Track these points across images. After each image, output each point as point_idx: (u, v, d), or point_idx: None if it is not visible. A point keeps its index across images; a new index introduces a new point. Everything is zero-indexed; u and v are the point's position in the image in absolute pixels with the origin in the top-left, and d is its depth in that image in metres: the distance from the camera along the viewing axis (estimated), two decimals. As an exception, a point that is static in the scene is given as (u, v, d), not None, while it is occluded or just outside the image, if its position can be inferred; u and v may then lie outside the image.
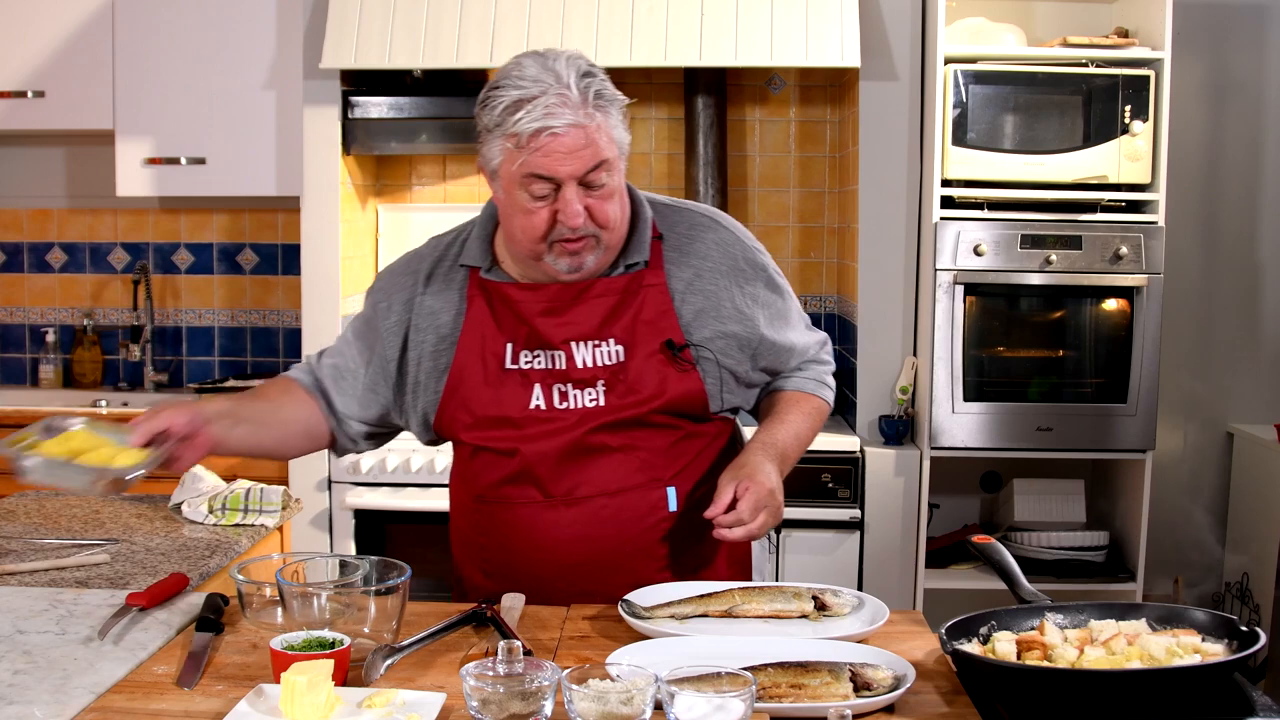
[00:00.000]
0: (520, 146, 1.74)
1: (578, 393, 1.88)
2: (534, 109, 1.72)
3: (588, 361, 1.88)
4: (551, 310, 1.88)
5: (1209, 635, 1.53)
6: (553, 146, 1.73)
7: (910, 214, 3.63)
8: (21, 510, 2.42)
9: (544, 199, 1.77)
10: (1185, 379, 4.06)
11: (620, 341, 1.88)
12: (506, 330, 1.90)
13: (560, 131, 1.73)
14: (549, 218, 1.78)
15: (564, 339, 1.88)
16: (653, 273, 1.90)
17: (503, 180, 1.80)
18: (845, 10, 3.48)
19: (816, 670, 1.47)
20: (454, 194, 4.14)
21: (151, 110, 3.84)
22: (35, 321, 4.37)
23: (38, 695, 1.47)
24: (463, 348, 1.91)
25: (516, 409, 1.88)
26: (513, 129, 1.74)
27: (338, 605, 1.64)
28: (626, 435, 1.88)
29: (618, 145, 1.80)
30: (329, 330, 3.72)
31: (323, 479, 3.56)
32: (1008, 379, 3.57)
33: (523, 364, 1.89)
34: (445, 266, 1.96)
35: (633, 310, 1.88)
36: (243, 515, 2.37)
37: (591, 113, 1.75)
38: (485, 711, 1.35)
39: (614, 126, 1.79)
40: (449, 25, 3.53)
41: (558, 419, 1.87)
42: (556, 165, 1.74)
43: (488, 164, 1.81)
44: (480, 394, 1.90)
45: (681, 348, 1.88)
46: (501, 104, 1.75)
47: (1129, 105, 3.44)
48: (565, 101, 1.73)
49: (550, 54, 1.78)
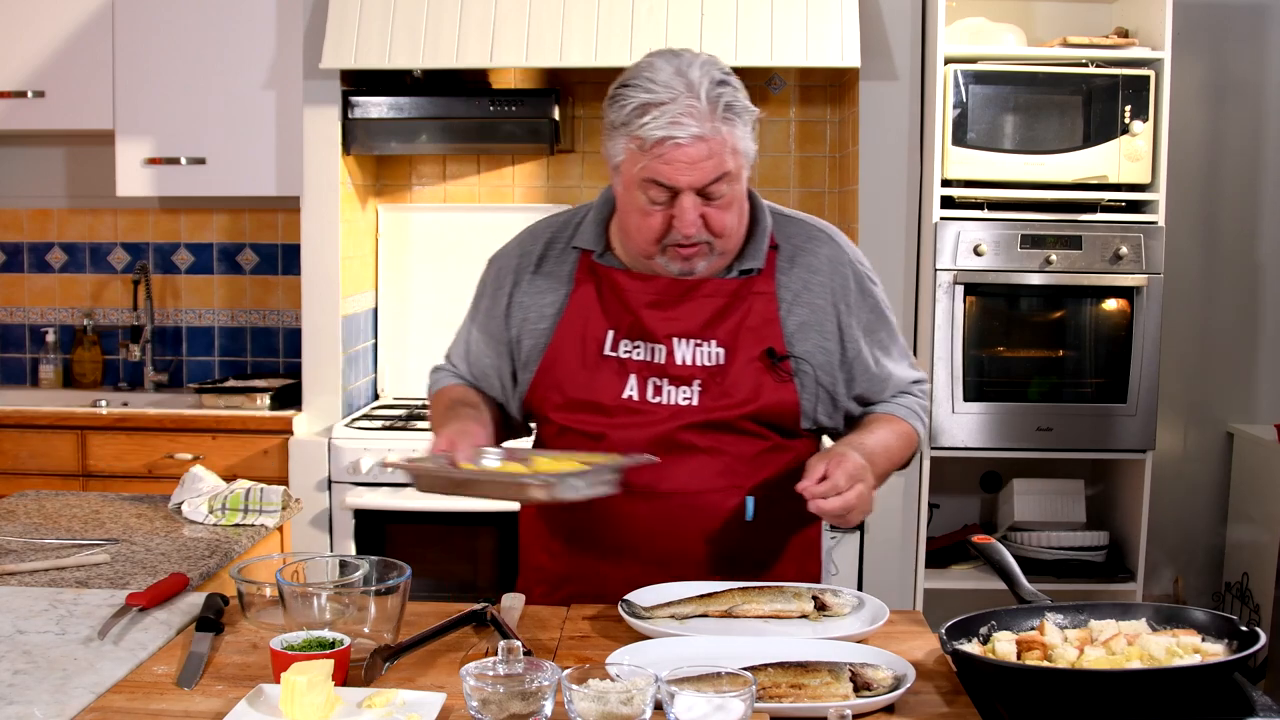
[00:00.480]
0: (643, 150, 1.74)
1: (672, 389, 1.87)
2: (661, 116, 1.72)
3: (687, 359, 1.87)
4: (659, 303, 1.88)
5: (1209, 635, 1.53)
6: (675, 155, 1.73)
7: (910, 214, 3.63)
8: (21, 510, 2.42)
9: (661, 204, 1.78)
10: (1185, 379, 4.05)
11: (722, 344, 1.87)
12: (610, 316, 1.90)
13: (684, 142, 1.72)
14: (664, 222, 1.78)
15: (667, 334, 1.87)
16: (764, 280, 1.90)
17: (623, 178, 1.81)
18: (845, 10, 3.48)
19: (816, 670, 1.47)
20: (454, 194, 4.14)
21: (151, 110, 3.84)
22: (35, 321, 4.37)
23: (38, 695, 1.47)
24: (563, 328, 1.91)
25: (609, 396, 1.88)
26: (638, 132, 1.74)
27: (338, 605, 1.64)
28: (715, 438, 1.87)
29: (743, 155, 1.80)
30: (329, 330, 3.73)
31: (323, 479, 3.56)
32: (1008, 379, 3.57)
33: (621, 352, 1.89)
34: (558, 248, 1.97)
35: (739, 315, 1.88)
36: (243, 515, 2.37)
37: (718, 125, 1.74)
38: (485, 711, 1.35)
39: (740, 138, 1.78)
40: (449, 25, 3.53)
41: (649, 412, 1.87)
42: (677, 175, 1.74)
43: (610, 158, 1.82)
44: (575, 376, 1.90)
45: (781, 358, 1.87)
46: (630, 105, 1.74)
47: (1129, 105, 3.44)
48: (693, 112, 1.72)
49: (685, 57, 1.77)
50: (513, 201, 4.13)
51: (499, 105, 3.69)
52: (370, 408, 3.91)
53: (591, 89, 4.05)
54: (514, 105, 3.70)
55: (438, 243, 4.05)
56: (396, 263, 4.08)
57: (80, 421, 3.71)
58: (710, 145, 1.73)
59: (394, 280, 4.08)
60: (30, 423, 3.72)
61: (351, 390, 3.85)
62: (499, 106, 3.69)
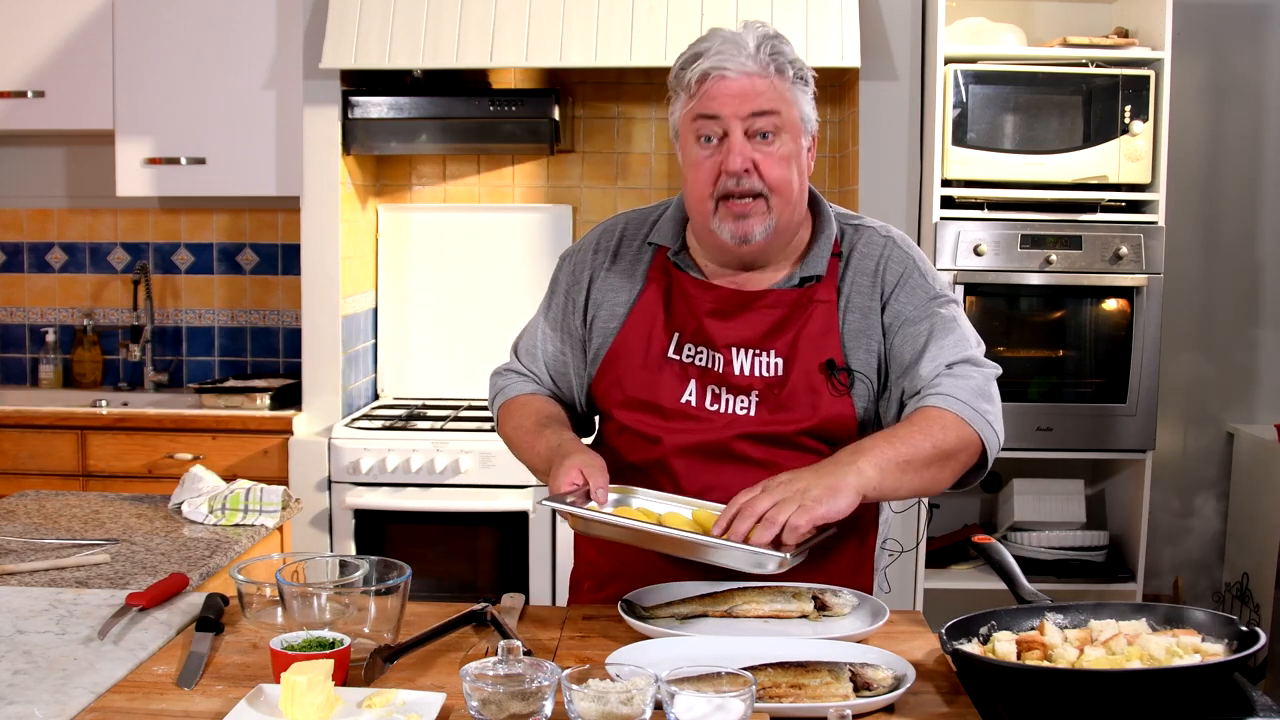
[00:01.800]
0: (692, 95, 1.78)
1: (730, 397, 1.86)
2: (708, 56, 1.76)
3: (745, 369, 1.86)
4: (719, 312, 1.87)
5: (1209, 635, 1.53)
6: (719, 89, 1.76)
7: (910, 214, 3.63)
8: (21, 510, 2.42)
9: (711, 146, 1.78)
10: (1185, 379, 4.05)
11: (781, 354, 1.85)
12: (676, 320, 1.89)
13: (730, 75, 1.75)
14: (715, 167, 1.78)
15: (726, 343, 1.86)
16: (825, 288, 1.87)
17: (681, 139, 1.83)
18: (845, 10, 3.48)
19: (816, 670, 1.47)
20: (454, 194, 4.14)
21: (151, 110, 3.84)
22: (35, 321, 4.37)
23: (38, 695, 1.47)
24: (630, 324, 1.91)
25: (669, 399, 1.87)
26: (687, 77, 1.78)
27: (338, 605, 1.64)
28: (771, 451, 1.85)
29: (799, 113, 1.80)
30: (329, 330, 3.73)
31: (323, 479, 3.56)
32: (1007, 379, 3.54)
33: (684, 357, 1.88)
34: (635, 245, 1.96)
35: (798, 325, 1.86)
36: (243, 515, 2.37)
37: (767, 68, 1.76)
38: (485, 711, 1.35)
39: (797, 94, 1.80)
40: (449, 25, 3.53)
41: (706, 419, 1.86)
42: (721, 105, 1.76)
43: (673, 130, 1.84)
44: (636, 375, 1.89)
45: (840, 370, 1.85)
46: (683, 60, 1.80)
47: (1129, 105, 3.44)
48: (739, 52, 1.76)
49: (745, 26, 1.80)
50: (513, 201, 4.13)
51: (499, 105, 3.69)
52: (370, 408, 3.91)
53: (591, 89, 4.05)
54: (514, 105, 3.70)
55: (438, 243, 4.05)
56: (396, 263, 4.08)
57: (80, 421, 3.71)
58: (757, 83, 1.76)
59: (394, 280, 4.08)
60: (30, 423, 3.72)
61: (351, 390, 3.85)
62: (499, 106, 3.69)
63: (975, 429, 1.80)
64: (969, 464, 1.83)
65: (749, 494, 1.65)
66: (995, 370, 1.90)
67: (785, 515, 1.59)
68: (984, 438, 1.82)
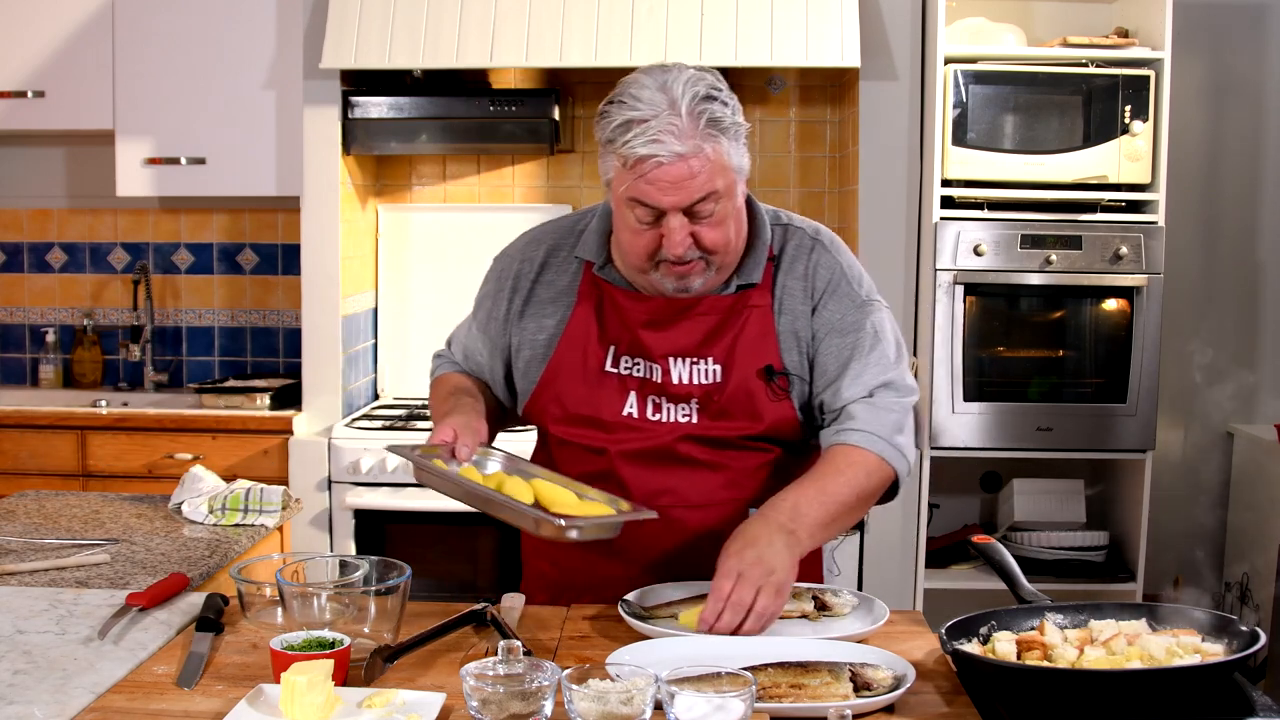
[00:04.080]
0: (627, 169, 1.72)
1: (671, 406, 1.87)
2: (643, 133, 1.69)
3: (684, 378, 1.86)
4: (654, 323, 1.87)
5: (1209, 635, 1.53)
6: (657, 175, 1.70)
7: (910, 214, 3.63)
8: (21, 510, 2.42)
9: (649, 224, 1.76)
10: (1185, 379, 4.05)
11: (719, 361, 1.86)
12: (611, 332, 1.89)
13: (666, 161, 1.69)
14: (654, 241, 1.77)
15: (663, 353, 1.87)
16: (760, 293, 1.88)
17: (614, 196, 1.79)
18: (845, 10, 3.48)
19: (816, 670, 1.47)
20: (454, 194, 4.14)
21: (151, 110, 3.84)
22: (35, 321, 4.37)
23: (38, 695, 1.47)
24: (565, 342, 1.91)
25: (610, 413, 1.88)
26: (621, 150, 1.71)
27: (338, 605, 1.64)
28: (716, 453, 1.87)
29: (734, 171, 1.76)
30: (329, 330, 3.73)
31: (323, 479, 3.56)
32: (1007, 379, 3.57)
33: (621, 369, 1.89)
34: (561, 256, 1.96)
35: (734, 330, 1.86)
36: (243, 515, 2.37)
37: (700, 143, 1.70)
38: (485, 711, 1.35)
39: (728, 153, 1.74)
40: (449, 25, 3.53)
41: (648, 429, 1.87)
42: (661, 196, 1.72)
43: (603, 175, 1.80)
44: (575, 391, 1.89)
45: (779, 374, 1.86)
46: (615, 122, 1.72)
47: (1129, 105, 3.44)
48: (674, 129, 1.69)
49: (673, 72, 1.73)
50: (513, 201, 4.13)
51: (499, 105, 3.69)
52: (370, 408, 3.91)
53: (591, 89, 4.05)
54: (514, 105, 3.70)
55: (438, 243, 4.05)
56: (396, 263, 4.08)
57: (80, 421, 3.71)
58: (692, 164, 1.70)
59: (394, 280, 4.08)
60: (30, 423, 3.72)
61: (351, 390, 3.85)
62: (499, 106, 3.69)
63: (892, 465, 1.86)
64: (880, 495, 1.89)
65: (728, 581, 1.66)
66: (913, 397, 1.93)
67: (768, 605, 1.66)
68: (898, 470, 1.87)
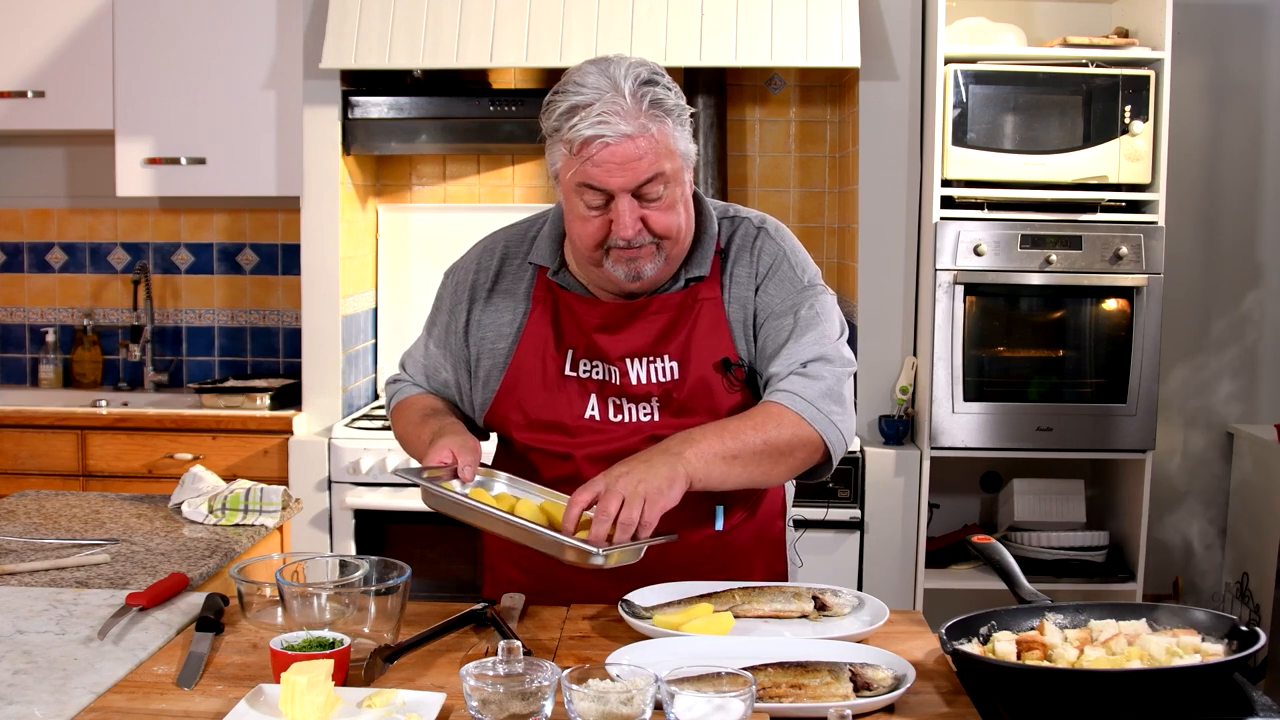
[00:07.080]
0: (575, 154, 1.74)
1: (632, 406, 1.87)
2: (588, 115, 1.71)
3: (642, 378, 1.87)
4: (607, 326, 1.88)
5: (1209, 635, 1.53)
6: (604, 156, 1.72)
7: (910, 214, 3.63)
8: (21, 510, 2.42)
9: (598, 209, 1.77)
10: (1185, 379, 4.05)
11: (675, 358, 1.87)
12: (568, 337, 1.90)
13: (612, 141, 1.71)
14: (603, 226, 1.77)
15: (619, 355, 1.87)
16: (709, 286, 1.89)
17: (563, 185, 1.80)
18: (845, 10, 3.48)
19: (816, 670, 1.47)
20: (454, 194, 4.14)
21: (151, 110, 3.84)
22: (35, 321, 4.37)
23: (38, 695, 1.47)
24: (523, 348, 1.91)
25: (571, 417, 1.88)
26: (567, 135, 1.73)
27: (338, 605, 1.64)
28: None
29: (680, 156, 1.78)
30: (329, 330, 3.73)
31: (323, 479, 3.56)
32: (1007, 379, 3.57)
33: (581, 372, 1.89)
34: (515, 263, 1.96)
35: (688, 326, 1.87)
36: (243, 515, 2.37)
37: (645, 123, 1.72)
38: (485, 711, 1.35)
39: (673, 136, 1.76)
40: (449, 25, 3.53)
41: (611, 430, 1.87)
42: (608, 177, 1.73)
43: (551, 167, 1.81)
44: (536, 397, 1.90)
45: (735, 366, 1.87)
46: (559, 109, 1.74)
47: (1129, 105, 3.44)
48: (619, 110, 1.71)
49: (615, 61, 1.76)
50: (513, 201, 4.13)
51: (499, 105, 3.70)
52: (370, 408, 3.91)
53: (591, 89, 4.04)
54: (514, 105, 3.70)
55: (438, 243, 4.05)
56: (396, 263, 4.08)
57: (80, 421, 3.71)
58: (639, 144, 1.72)
59: (394, 280, 4.08)
60: (30, 423, 3.72)
61: (351, 390, 3.85)
62: (499, 106, 3.70)
63: (817, 429, 1.81)
64: (810, 462, 1.84)
65: (591, 490, 1.65)
66: (850, 368, 1.89)
67: (637, 514, 1.62)
68: (826, 437, 1.83)
